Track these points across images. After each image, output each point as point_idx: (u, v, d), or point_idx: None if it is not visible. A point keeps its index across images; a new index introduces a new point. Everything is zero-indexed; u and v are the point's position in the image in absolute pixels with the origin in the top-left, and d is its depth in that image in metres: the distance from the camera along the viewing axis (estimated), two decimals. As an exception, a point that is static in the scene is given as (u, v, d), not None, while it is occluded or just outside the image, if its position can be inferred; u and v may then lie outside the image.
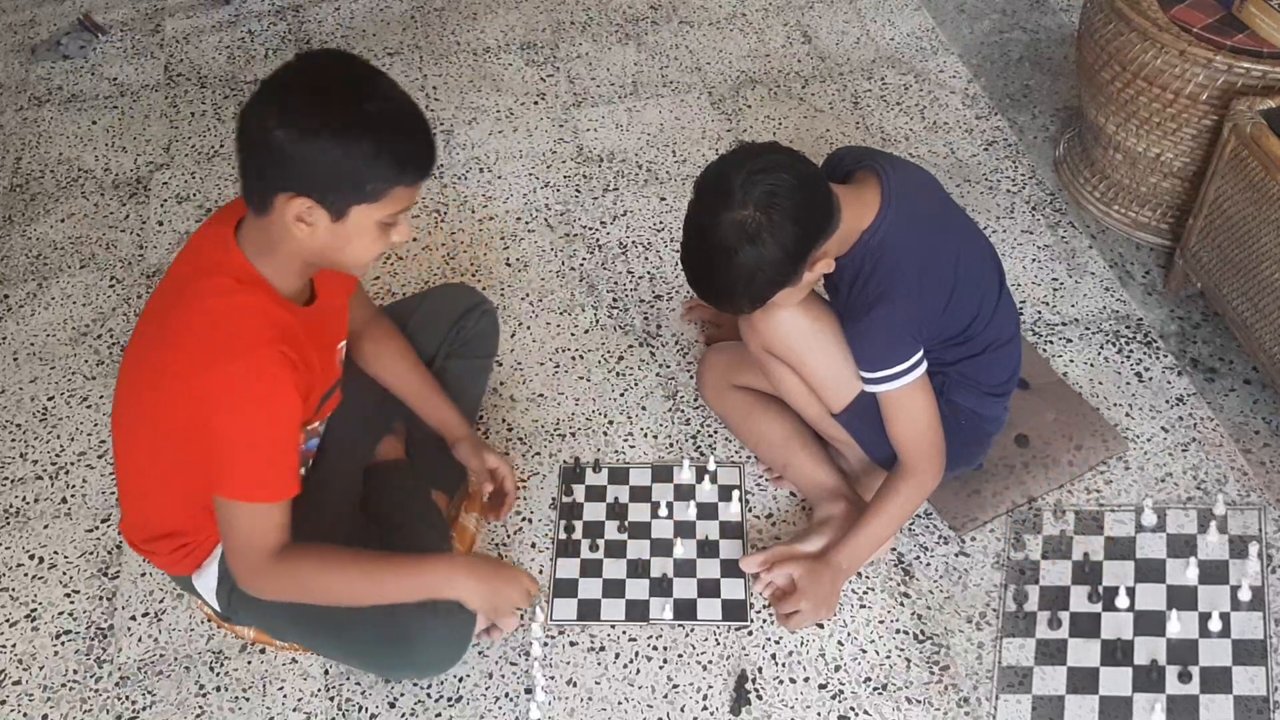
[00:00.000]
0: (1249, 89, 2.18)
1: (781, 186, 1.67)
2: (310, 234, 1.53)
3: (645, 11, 3.29)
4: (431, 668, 1.82)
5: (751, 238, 1.67)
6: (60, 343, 2.49)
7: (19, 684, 1.93)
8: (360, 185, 1.50)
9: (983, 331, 1.89)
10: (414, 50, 3.21)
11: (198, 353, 1.55)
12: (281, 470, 1.61)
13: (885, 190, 1.78)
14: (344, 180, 1.50)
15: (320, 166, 1.48)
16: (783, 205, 1.67)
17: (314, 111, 1.47)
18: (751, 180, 1.67)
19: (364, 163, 1.48)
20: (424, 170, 1.55)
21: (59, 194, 2.85)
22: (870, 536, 1.93)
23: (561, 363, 2.38)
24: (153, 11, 3.41)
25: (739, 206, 1.67)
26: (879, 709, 1.85)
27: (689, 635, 1.95)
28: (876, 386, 1.84)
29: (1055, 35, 3.14)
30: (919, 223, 1.80)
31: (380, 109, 1.49)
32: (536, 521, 2.12)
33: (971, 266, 1.87)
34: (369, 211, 1.53)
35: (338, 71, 1.52)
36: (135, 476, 1.75)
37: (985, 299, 1.88)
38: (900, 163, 1.88)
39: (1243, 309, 2.20)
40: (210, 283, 1.58)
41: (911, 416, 1.86)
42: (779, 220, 1.67)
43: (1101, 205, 2.59)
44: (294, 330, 1.60)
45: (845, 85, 3.01)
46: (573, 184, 2.78)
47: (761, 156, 1.71)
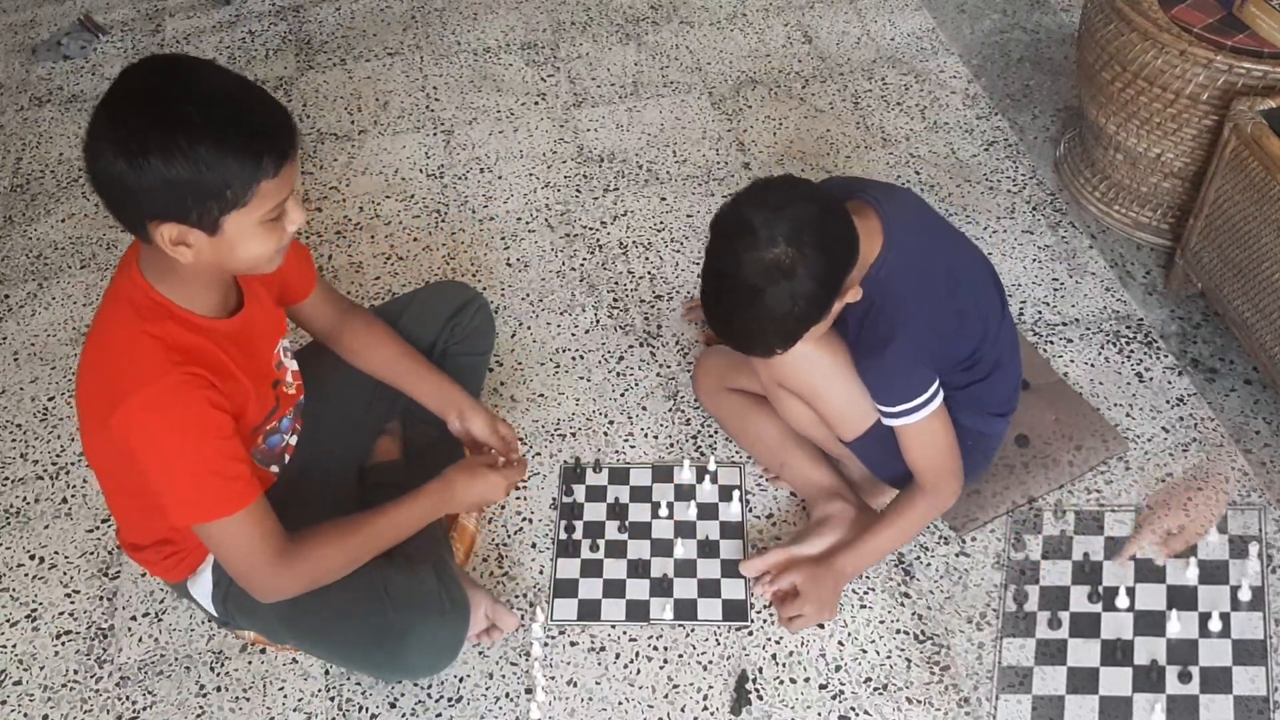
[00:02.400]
0: (1249, 89, 2.18)
1: (807, 218, 1.63)
2: (195, 253, 1.46)
3: (645, 11, 3.29)
4: (425, 669, 1.82)
5: (786, 273, 1.61)
6: (61, 343, 2.49)
7: (19, 684, 1.94)
8: (218, 195, 1.40)
9: (989, 353, 1.88)
10: (414, 50, 3.21)
11: (101, 396, 1.53)
12: (226, 481, 1.55)
13: (884, 222, 1.75)
14: (198, 196, 1.40)
15: (167, 191, 1.38)
16: (812, 237, 1.62)
17: (138, 136, 1.37)
18: (776, 216, 1.62)
19: (210, 172, 1.38)
20: (280, 154, 1.42)
21: (59, 194, 2.85)
22: (879, 547, 1.94)
23: (562, 363, 2.38)
24: (153, 12, 3.41)
25: (767, 244, 1.61)
26: (879, 709, 1.85)
27: (689, 635, 1.95)
28: (896, 420, 1.82)
29: (1055, 35, 3.14)
30: (922, 252, 1.78)
31: (205, 111, 1.37)
32: (537, 521, 2.12)
33: (975, 288, 1.86)
34: (243, 216, 1.44)
35: (154, 83, 1.40)
36: (116, 493, 1.75)
37: (990, 319, 1.87)
38: (888, 189, 1.85)
39: (1243, 309, 2.20)
40: (109, 314, 1.54)
41: (930, 443, 1.85)
42: (810, 253, 1.62)
43: (1102, 205, 2.59)
44: (203, 349, 1.55)
45: (845, 85, 3.01)
46: (573, 184, 2.78)
47: (779, 190, 1.67)
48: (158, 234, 1.43)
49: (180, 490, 1.54)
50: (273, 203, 1.45)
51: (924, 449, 1.86)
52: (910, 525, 1.93)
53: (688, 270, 2.55)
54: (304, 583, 1.66)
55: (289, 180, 1.46)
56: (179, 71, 1.41)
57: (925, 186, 2.71)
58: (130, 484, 1.63)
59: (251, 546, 1.60)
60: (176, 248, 1.45)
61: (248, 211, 1.43)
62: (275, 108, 1.44)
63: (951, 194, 2.69)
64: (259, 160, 1.40)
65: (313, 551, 1.64)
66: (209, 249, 1.46)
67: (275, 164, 1.42)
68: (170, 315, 1.53)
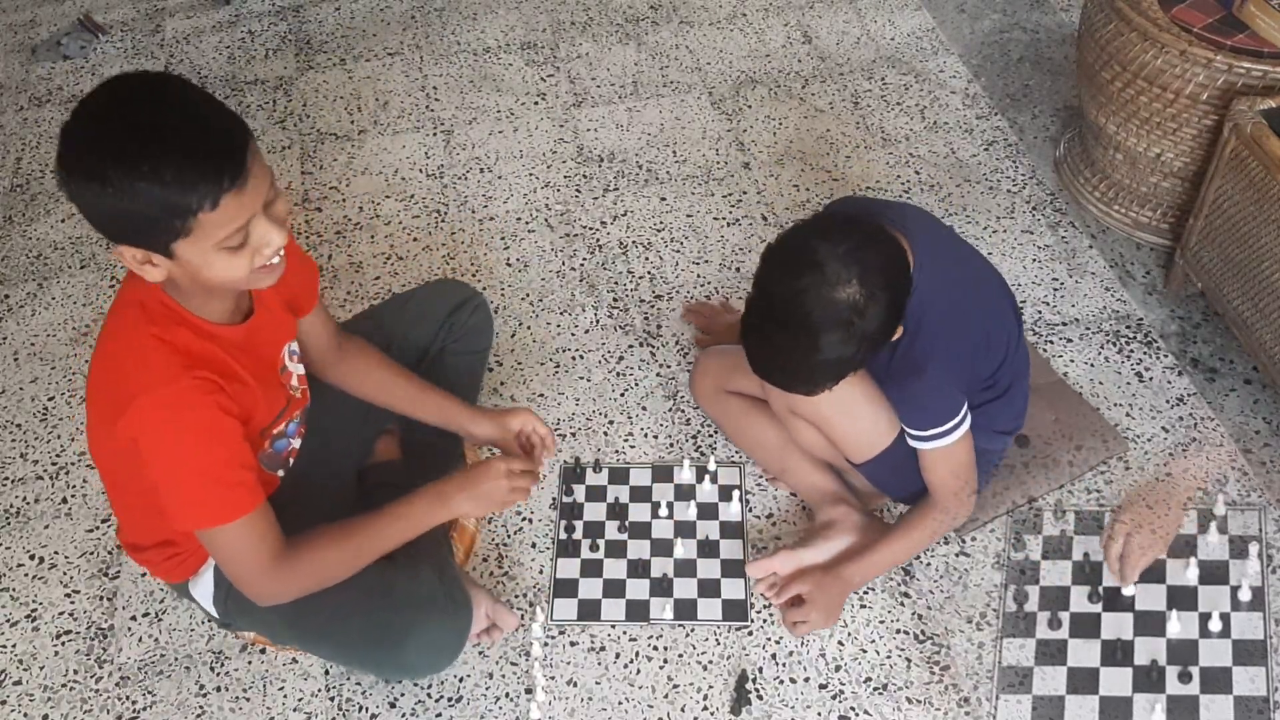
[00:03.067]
0: (1249, 89, 2.18)
1: (878, 257, 1.60)
2: (163, 273, 1.45)
3: (645, 11, 3.29)
4: (426, 669, 1.82)
5: (858, 314, 1.58)
6: (61, 343, 2.49)
7: (19, 684, 1.93)
8: (155, 225, 1.38)
9: (1007, 372, 1.88)
10: (414, 50, 3.21)
11: (108, 398, 1.53)
12: (230, 488, 1.54)
13: (914, 249, 1.72)
14: (138, 225, 1.38)
15: (109, 215, 1.39)
16: (881, 278, 1.59)
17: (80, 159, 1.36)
18: (848, 253, 1.58)
19: (142, 203, 1.35)
20: (216, 186, 1.37)
21: (59, 194, 2.82)
22: (888, 559, 1.94)
23: (562, 363, 2.38)
24: (153, 12, 3.41)
25: (836, 283, 1.57)
26: (879, 709, 1.85)
27: (689, 635, 1.95)
28: (925, 444, 1.82)
29: (1055, 35, 3.14)
30: (949, 277, 1.76)
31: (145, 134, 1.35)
32: (537, 521, 2.12)
33: (996, 309, 1.85)
34: (191, 244, 1.40)
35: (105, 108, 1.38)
36: (119, 492, 1.74)
37: (1010, 339, 1.87)
38: (908, 210, 1.84)
39: (1243, 309, 2.20)
40: (120, 317, 1.55)
41: (954, 465, 1.86)
42: (879, 293, 1.59)
43: (1102, 205, 2.59)
44: (212, 354, 1.54)
45: (845, 85, 3.01)
46: (573, 184, 2.78)
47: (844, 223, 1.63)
48: (120, 254, 1.43)
49: (183, 494, 1.54)
50: (224, 231, 1.41)
51: (946, 471, 1.87)
52: (921, 539, 1.94)
53: (688, 270, 2.55)
54: (300, 587, 1.66)
55: (241, 206, 1.40)
56: (131, 99, 1.38)
57: (925, 186, 2.71)
58: (134, 485, 1.63)
59: (249, 553, 1.60)
60: (143, 266, 1.44)
61: (194, 241, 1.40)
62: (222, 132, 1.39)
63: (951, 194, 2.69)
64: (191, 193, 1.36)
65: (309, 556, 1.64)
66: (176, 269, 1.45)
67: (210, 197, 1.37)
68: (180, 320, 1.53)
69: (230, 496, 1.55)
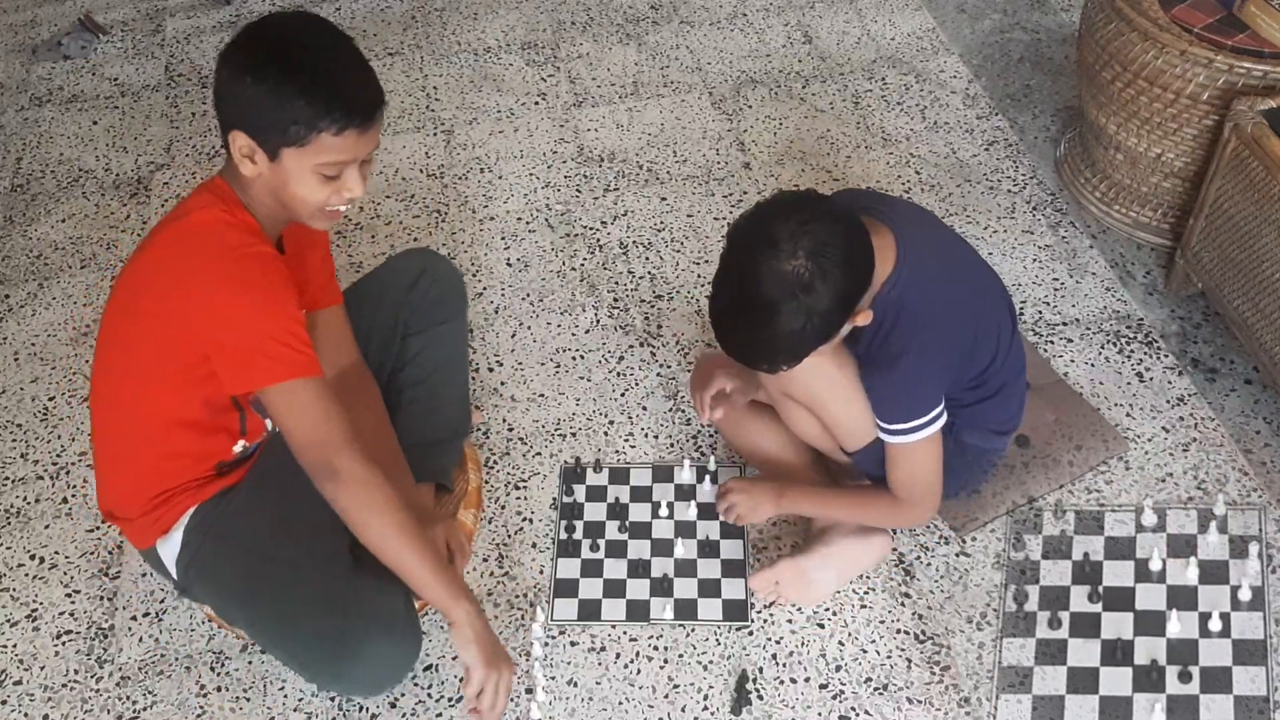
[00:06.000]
0: (1250, 89, 2.18)
1: (831, 234, 1.61)
2: (256, 172, 1.61)
3: (646, 11, 3.29)
4: (368, 685, 1.81)
5: (805, 288, 1.59)
6: (61, 343, 2.49)
7: (20, 684, 1.94)
8: (283, 127, 1.56)
9: (999, 372, 1.88)
10: (414, 50, 3.21)
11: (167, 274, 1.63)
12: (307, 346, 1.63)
13: (898, 241, 1.73)
14: (268, 120, 1.56)
15: (247, 104, 1.57)
16: (834, 254, 1.60)
17: (250, 53, 1.58)
18: (800, 229, 1.60)
19: (285, 104, 1.55)
20: (348, 118, 1.57)
21: (60, 194, 2.85)
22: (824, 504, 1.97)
23: (562, 363, 2.38)
24: (153, 11, 3.41)
25: (788, 257, 1.59)
26: (879, 709, 1.85)
27: (689, 635, 1.95)
28: (892, 438, 1.81)
29: (1055, 35, 3.14)
30: (935, 270, 1.76)
31: (313, 57, 1.57)
32: (537, 521, 2.12)
33: (988, 309, 1.85)
34: (298, 156, 1.58)
35: (290, 24, 1.62)
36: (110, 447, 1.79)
37: (1001, 338, 1.86)
38: (901, 205, 1.84)
39: (1243, 309, 2.20)
40: (193, 200, 1.68)
41: (917, 465, 1.85)
42: (831, 270, 1.60)
43: (1102, 205, 2.59)
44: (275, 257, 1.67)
45: (846, 85, 3.01)
46: (573, 184, 2.78)
47: (804, 203, 1.65)
48: (234, 141, 1.60)
49: (266, 350, 1.60)
50: (331, 158, 1.59)
51: (908, 470, 1.85)
52: (866, 514, 1.95)
53: (688, 270, 2.55)
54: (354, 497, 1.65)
55: (354, 147, 1.60)
56: (313, 25, 1.62)
57: (925, 186, 2.71)
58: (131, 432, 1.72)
59: (323, 418, 1.63)
60: (243, 159, 1.60)
61: (304, 154, 1.58)
62: (367, 86, 1.61)
63: (951, 194, 2.69)
64: (326, 112, 1.55)
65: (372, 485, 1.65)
66: (268, 172, 1.61)
67: (339, 124, 1.56)
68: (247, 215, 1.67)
69: (308, 354, 1.63)
